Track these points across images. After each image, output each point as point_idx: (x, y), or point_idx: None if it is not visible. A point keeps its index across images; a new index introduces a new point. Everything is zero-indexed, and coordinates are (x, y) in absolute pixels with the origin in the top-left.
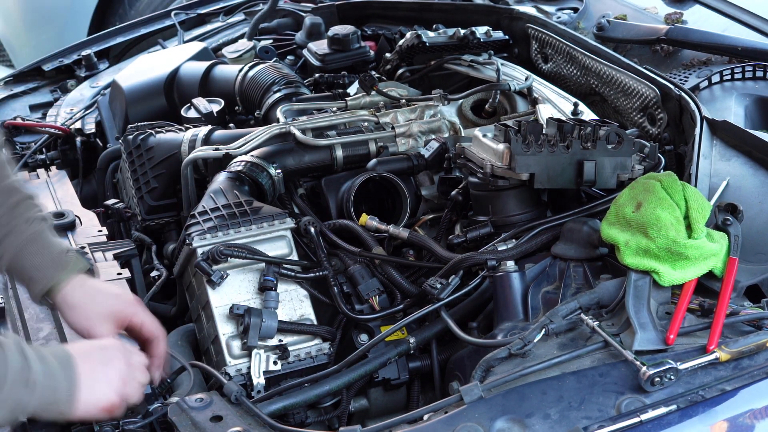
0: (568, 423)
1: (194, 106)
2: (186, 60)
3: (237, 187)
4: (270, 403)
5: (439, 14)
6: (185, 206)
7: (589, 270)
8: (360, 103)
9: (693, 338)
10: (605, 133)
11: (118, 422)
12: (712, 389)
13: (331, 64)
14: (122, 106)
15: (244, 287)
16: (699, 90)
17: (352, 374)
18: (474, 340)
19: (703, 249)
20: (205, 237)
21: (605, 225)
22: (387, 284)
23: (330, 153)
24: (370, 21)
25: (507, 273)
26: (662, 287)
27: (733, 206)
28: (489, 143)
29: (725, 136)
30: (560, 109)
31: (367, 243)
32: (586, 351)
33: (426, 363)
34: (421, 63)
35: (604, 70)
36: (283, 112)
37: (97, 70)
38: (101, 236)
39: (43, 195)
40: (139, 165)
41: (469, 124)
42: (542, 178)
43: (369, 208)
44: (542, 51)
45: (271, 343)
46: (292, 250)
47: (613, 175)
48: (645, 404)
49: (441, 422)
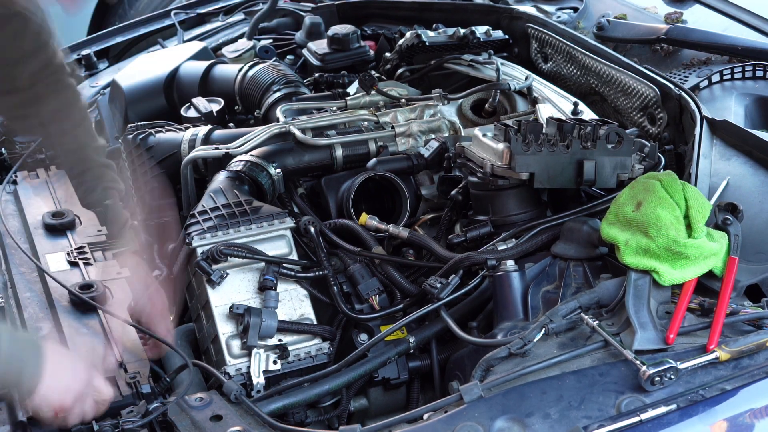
0: (568, 422)
1: (194, 105)
2: (186, 60)
3: (237, 186)
4: (270, 402)
5: (439, 14)
6: (185, 206)
7: (589, 269)
8: (360, 103)
9: (693, 338)
10: (605, 132)
11: (118, 422)
12: (712, 389)
13: (330, 63)
14: (122, 106)
15: (244, 287)
16: (699, 89)
17: (351, 374)
18: (474, 340)
19: (703, 248)
20: (204, 236)
21: (605, 224)
22: (387, 284)
23: (330, 152)
24: (370, 21)
25: (507, 272)
26: (662, 287)
27: (733, 206)
28: (489, 143)
29: (725, 135)
30: (560, 109)
31: (366, 242)
32: (586, 350)
33: (426, 362)
34: (421, 63)
35: (604, 69)
36: (282, 111)
37: (96, 69)
38: (101, 236)
39: (43, 195)
40: (139, 164)
41: (468, 123)
42: (542, 178)
43: (369, 208)
44: (542, 50)
45: (271, 342)
46: (292, 250)
47: (613, 175)
48: (645, 404)
49: (441, 422)
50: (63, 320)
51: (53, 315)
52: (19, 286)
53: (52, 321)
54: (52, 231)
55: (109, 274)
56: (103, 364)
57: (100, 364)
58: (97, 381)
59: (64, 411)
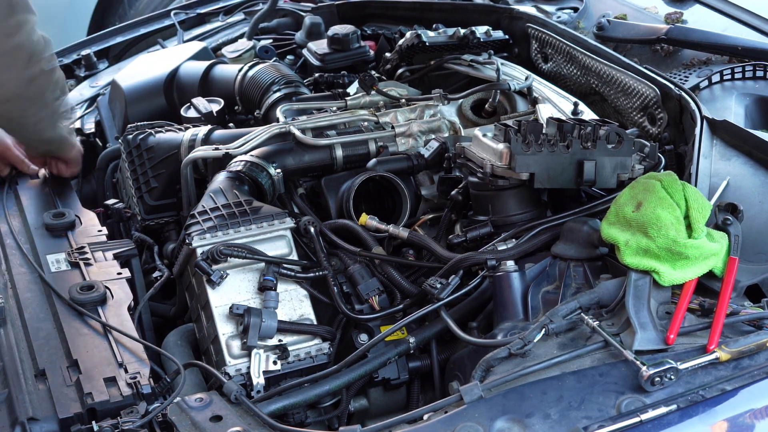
0: (568, 423)
1: (194, 105)
2: (186, 60)
3: (237, 186)
4: (269, 402)
5: (439, 14)
6: (185, 206)
7: (589, 270)
8: (360, 103)
9: (693, 338)
10: (605, 132)
11: (118, 422)
12: (712, 389)
13: (330, 63)
14: (122, 106)
15: (244, 287)
16: (699, 90)
17: (351, 374)
18: (474, 340)
19: (703, 249)
20: (204, 237)
21: (605, 225)
22: (387, 284)
23: (330, 153)
24: (370, 21)
25: (507, 273)
26: (662, 287)
27: (733, 206)
28: (489, 143)
29: (725, 135)
30: (560, 109)
31: (366, 243)
32: (586, 351)
33: (426, 363)
34: (421, 63)
35: (604, 69)
36: (282, 111)
37: (96, 69)
38: (101, 236)
39: (43, 195)
40: (138, 165)
41: (469, 123)
42: (542, 178)
43: (369, 208)
44: (542, 50)
45: (271, 342)
46: (292, 250)
47: (613, 175)
48: (645, 404)
49: (441, 422)
50: (63, 320)
51: (53, 315)
52: (19, 286)
53: (52, 321)
54: (52, 231)
55: (109, 274)
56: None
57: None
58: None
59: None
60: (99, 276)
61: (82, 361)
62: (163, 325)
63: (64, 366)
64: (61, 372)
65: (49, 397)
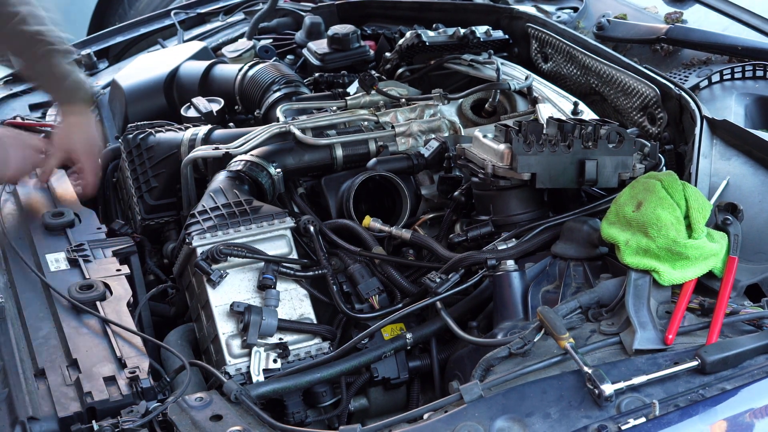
0: (569, 422)
1: (194, 105)
2: (186, 59)
3: (237, 186)
4: (259, 385)
5: (439, 14)
6: (185, 205)
7: (589, 269)
8: (360, 103)
9: (693, 337)
10: (606, 132)
11: (118, 422)
12: (712, 388)
13: (330, 63)
14: (122, 106)
15: (244, 286)
16: (699, 89)
17: (345, 364)
18: (474, 339)
19: (703, 249)
20: (204, 236)
21: (605, 224)
22: (387, 283)
23: (330, 152)
24: (370, 20)
25: (507, 272)
26: (662, 286)
27: (733, 206)
28: (490, 143)
29: (725, 135)
30: (560, 109)
31: (366, 242)
32: (587, 350)
33: (426, 362)
34: (421, 62)
35: (604, 69)
36: (282, 111)
37: (96, 69)
38: (100, 233)
39: (43, 194)
40: (138, 164)
41: (469, 123)
42: (544, 178)
43: (369, 208)
44: (542, 50)
45: (271, 341)
46: (292, 250)
47: (614, 174)
48: (645, 403)
49: (441, 421)
50: (63, 320)
51: (53, 315)
52: (19, 286)
53: (52, 321)
54: (51, 231)
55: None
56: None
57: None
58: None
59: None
60: (98, 273)
61: (82, 360)
62: (163, 325)
63: (63, 365)
64: (60, 371)
65: (48, 397)
